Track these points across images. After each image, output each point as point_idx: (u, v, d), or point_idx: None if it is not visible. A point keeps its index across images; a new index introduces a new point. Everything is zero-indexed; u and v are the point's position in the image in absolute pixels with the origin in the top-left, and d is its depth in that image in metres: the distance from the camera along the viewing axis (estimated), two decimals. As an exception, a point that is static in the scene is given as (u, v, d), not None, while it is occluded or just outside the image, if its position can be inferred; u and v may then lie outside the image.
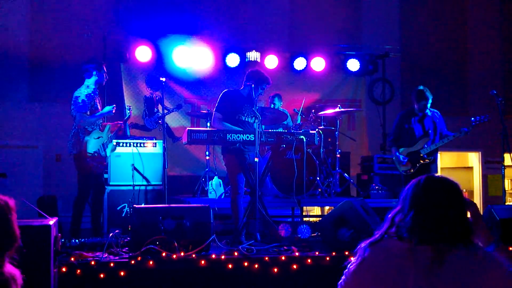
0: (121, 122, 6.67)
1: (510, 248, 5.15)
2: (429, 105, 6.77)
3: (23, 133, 9.31)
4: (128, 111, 6.75)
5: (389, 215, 2.24)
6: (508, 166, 6.67)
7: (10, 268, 1.80)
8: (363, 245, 2.21)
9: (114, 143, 6.57)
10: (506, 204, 7.87)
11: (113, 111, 6.32)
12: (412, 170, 6.79)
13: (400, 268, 2.07)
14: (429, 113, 6.84)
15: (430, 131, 6.78)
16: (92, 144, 6.13)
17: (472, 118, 6.61)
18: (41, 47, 9.37)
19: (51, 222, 4.13)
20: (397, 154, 6.90)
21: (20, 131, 9.29)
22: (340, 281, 2.22)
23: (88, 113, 6.13)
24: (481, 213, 6.14)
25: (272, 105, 8.45)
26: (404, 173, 6.87)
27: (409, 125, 6.86)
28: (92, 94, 6.21)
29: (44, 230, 4.02)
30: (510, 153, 6.51)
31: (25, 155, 9.35)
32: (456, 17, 11.72)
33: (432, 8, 11.46)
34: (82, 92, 6.14)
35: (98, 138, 6.22)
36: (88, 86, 6.22)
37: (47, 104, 9.39)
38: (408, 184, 2.25)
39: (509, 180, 11.19)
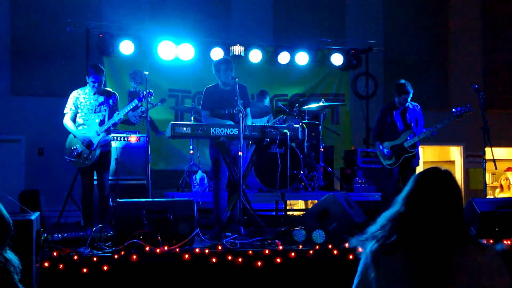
0: None
1: (491, 241, 5.27)
2: (409, 99, 6.82)
3: (5, 126, 9.20)
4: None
5: (385, 215, 2.16)
6: (489, 160, 6.73)
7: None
8: (364, 249, 2.11)
9: None
10: (487, 197, 7.96)
11: None
12: (396, 163, 6.83)
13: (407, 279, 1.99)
14: (410, 106, 6.89)
15: (412, 124, 6.83)
16: None
17: (453, 109, 6.64)
18: (23, 40, 9.27)
19: (33, 217, 4.10)
20: (381, 148, 6.93)
21: (2, 124, 9.19)
22: None
23: None
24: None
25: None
26: (389, 166, 6.90)
27: (391, 118, 6.90)
28: None
29: (26, 224, 3.98)
30: (491, 147, 6.58)
31: (7, 149, 9.26)
32: (438, 12, 11.82)
33: (415, 3, 11.55)
34: None
35: None
36: None
37: (30, 97, 9.29)
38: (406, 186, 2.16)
39: (490, 174, 11.33)
